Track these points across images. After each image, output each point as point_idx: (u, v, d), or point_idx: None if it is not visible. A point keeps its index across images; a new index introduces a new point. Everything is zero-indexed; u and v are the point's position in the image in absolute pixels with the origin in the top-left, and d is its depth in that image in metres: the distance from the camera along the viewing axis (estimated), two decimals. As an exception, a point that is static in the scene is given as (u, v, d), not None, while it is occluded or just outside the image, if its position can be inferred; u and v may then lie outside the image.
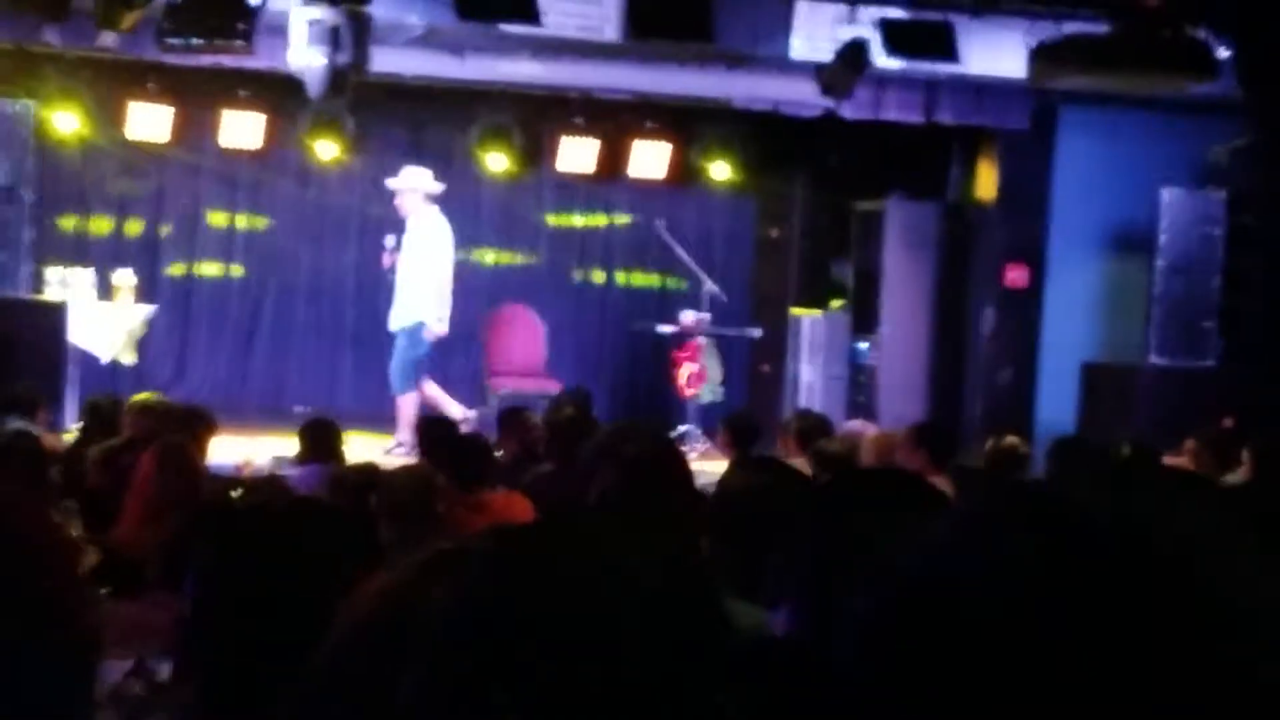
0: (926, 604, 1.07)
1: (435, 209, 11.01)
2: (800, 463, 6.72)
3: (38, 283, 10.99)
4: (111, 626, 3.91)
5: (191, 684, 3.38)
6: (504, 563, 1.30)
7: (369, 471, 5.45)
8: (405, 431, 10.74)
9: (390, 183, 11.09)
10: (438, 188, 11.05)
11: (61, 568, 3.34)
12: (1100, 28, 8.56)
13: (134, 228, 13.01)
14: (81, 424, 8.33)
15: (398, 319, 10.94)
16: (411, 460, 10.05)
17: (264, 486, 5.25)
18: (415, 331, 10.90)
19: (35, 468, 5.37)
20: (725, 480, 2.75)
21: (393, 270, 10.97)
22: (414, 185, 10.97)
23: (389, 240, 11.01)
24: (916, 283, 12.56)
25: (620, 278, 13.94)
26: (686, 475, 2.96)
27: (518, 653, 1.21)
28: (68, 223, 12.61)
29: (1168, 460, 7.61)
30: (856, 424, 9.19)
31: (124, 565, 5.06)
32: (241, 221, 13.31)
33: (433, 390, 10.97)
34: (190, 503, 5.34)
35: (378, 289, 11.89)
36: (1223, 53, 8.93)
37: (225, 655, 2.57)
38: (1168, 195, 11.33)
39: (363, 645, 1.28)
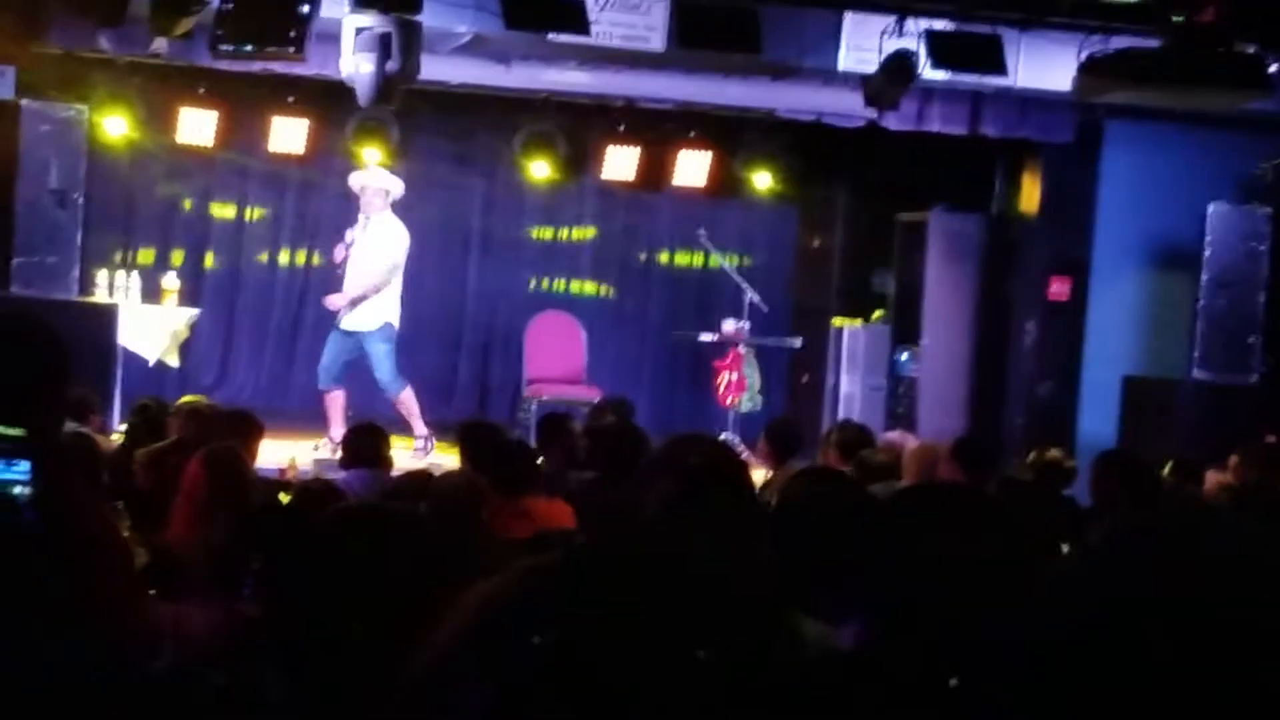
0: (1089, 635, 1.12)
1: (390, 212, 11.06)
2: (842, 473, 6.73)
3: (86, 285, 11.10)
4: (163, 628, 3.95)
5: (245, 687, 3.43)
6: (547, 575, 1.34)
7: (423, 479, 5.49)
8: (420, 424, 10.86)
9: (362, 176, 11.09)
10: (400, 192, 11.11)
11: (123, 570, 3.39)
12: (1150, 43, 8.53)
13: (180, 231, 13.14)
14: (128, 426, 8.40)
15: (365, 320, 10.93)
16: (435, 454, 10.17)
17: (314, 492, 5.28)
18: (387, 332, 10.97)
19: (91, 471, 5.42)
20: (787, 491, 2.76)
21: (343, 265, 10.95)
22: (385, 184, 11.02)
23: (350, 235, 10.98)
24: (958, 294, 12.53)
25: (661, 288, 13.98)
26: (749, 486, 2.97)
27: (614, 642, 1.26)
28: (116, 226, 12.75)
29: (1211, 475, 7.59)
30: (895, 435, 9.19)
31: (172, 568, 5.11)
32: (285, 227, 13.42)
33: (341, 399, 10.96)
34: (239, 507, 5.37)
35: (419, 293, 11.97)
36: (1272, 68, 8.88)
37: (285, 658, 2.60)
38: (1213, 210, 11.28)
39: (469, 649, 1.33)
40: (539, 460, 6.82)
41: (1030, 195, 12.28)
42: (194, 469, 5.73)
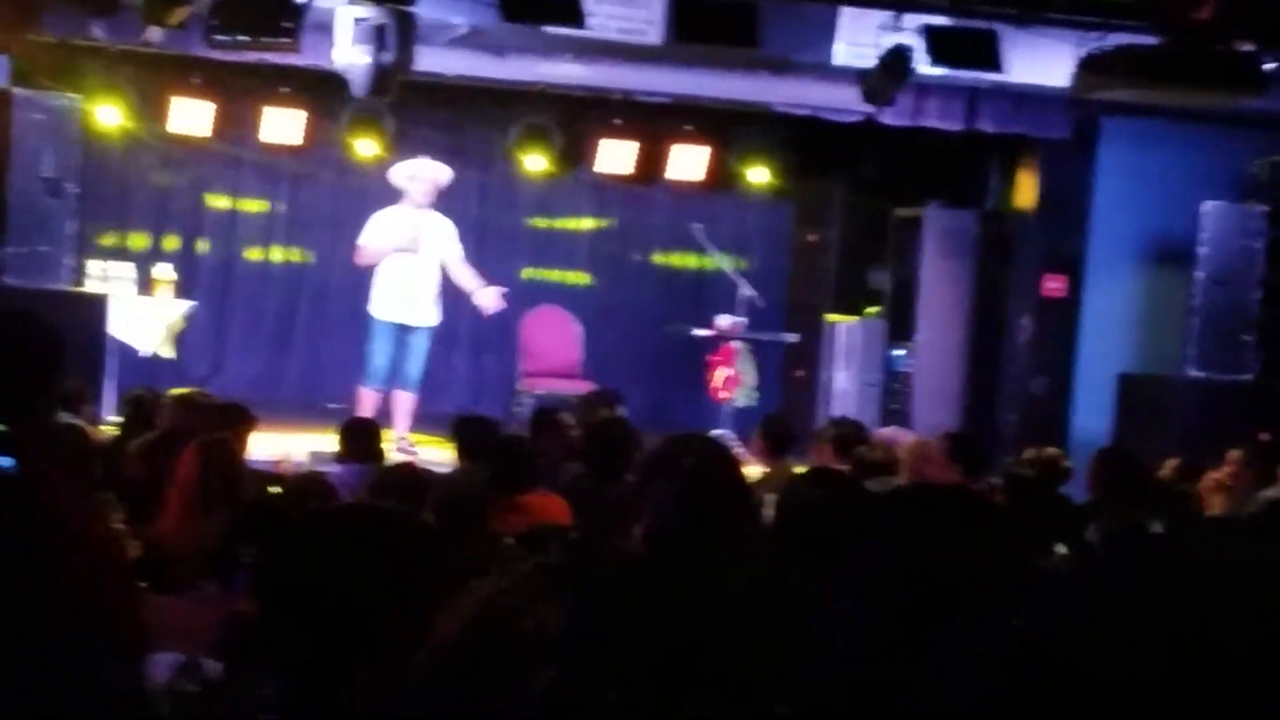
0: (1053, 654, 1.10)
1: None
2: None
3: (79, 275, 11.05)
4: (157, 622, 3.92)
5: (241, 681, 3.40)
6: (613, 583, 1.32)
7: (412, 473, 5.46)
8: (406, 427, 10.81)
9: (412, 166, 10.97)
10: (448, 181, 11.05)
11: (112, 565, 3.36)
12: (1147, 39, 8.52)
13: (174, 221, 13.09)
14: (122, 417, 8.37)
15: (427, 316, 10.88)
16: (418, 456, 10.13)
17: (308, 486, 5.25)
18: (433, 331, 10.95)
19: (83, 463, 5.39)
20: (789, 493, 2.74)
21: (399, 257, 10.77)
22: (436, 175, 10.96)
23: (401, 226, 10.82)
24: (954, 291, 12.52)
25: (657, 282, 13.96)
26: (744, 486, 2.95)
27: (626, 658, 1.25)
28: (109, 216, 12.71)
29: (1209, 474, 7.58)
30: (890, 431, 9.16)
31: (164, 560, 5.08)
32: (280, 217, 13.38)
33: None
34: (233, 500, 5.34)
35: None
36: (1268, 66, 8.87)
37: (280, 654, 2.58)
38: (1208, 208, 11.28)
39: (467, 652, 1.31)
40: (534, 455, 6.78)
41: (1026, 191, 12.28)
42: (187, 461, 5.69)
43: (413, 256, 10.72)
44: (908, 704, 1.98)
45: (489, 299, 11.13)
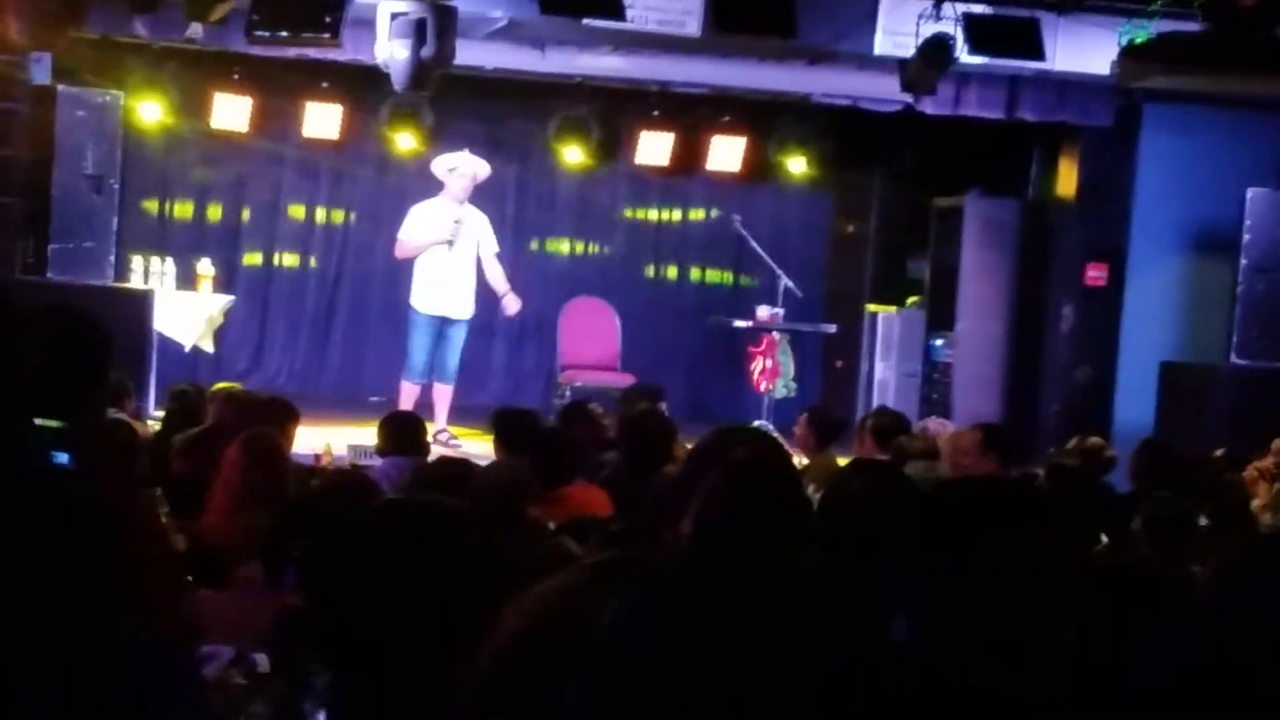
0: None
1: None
2: (877, 460, 6.69)
3: (122, 270, 11.13)
4: (204, 616, 3.95)
5: (290, 674, 3.42)
6: (667, 581, 1.32)
7: (457, 466, 5.47)
8: (444, 418, 10.83)
9: (451, 160, 10.93)
10: (486, 175, 11.04)
11: (165, 560, 3.38)
12: (1190, 26, 8.46)
13: (215, 217, 13.16)
14: (167, 411, 8.42)
15: (465, 309, 10.90)
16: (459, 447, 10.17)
17: (347, 480, 5.26)
18: (470, 322, 10.97)
19: (130, 458, 5.44)
20: (836, 483, 2.74)
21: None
22: (476, 171, 10.95)
23: (448, 221, 10.84)
24: (994, 280, 12.47)
25: (695, 273, 13.96)
26: (794, 478, 2.95)
27: (680, 663, 1.24)
28: (151, 211, 12.80)
29: (1253, 463, 7.53)
30: (932, 422, 9.14)
31: (209, 554, 5.11)
32: (320, 212, 13.43)
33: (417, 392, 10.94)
34: (278, 494, 5.37)
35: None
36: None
37: (328, 647, 2.60)
38: (1252, 195, 11.19)
39: (533, 647, 1.32)
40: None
41: (1067, 180, 12.21)
42: (232, 455, 5.72)
43: (451, 249, 10.73)
44: (956, 692, 1.98)
45: (512, 305, 11.14)
